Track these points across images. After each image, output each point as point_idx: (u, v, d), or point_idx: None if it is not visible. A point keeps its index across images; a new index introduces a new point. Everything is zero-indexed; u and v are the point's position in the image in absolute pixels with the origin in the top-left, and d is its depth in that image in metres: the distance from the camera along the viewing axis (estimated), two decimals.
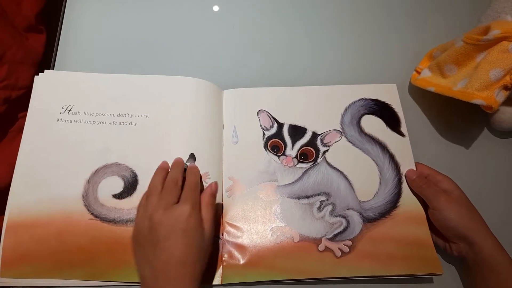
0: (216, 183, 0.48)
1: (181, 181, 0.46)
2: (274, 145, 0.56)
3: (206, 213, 0.45)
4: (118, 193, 0.52)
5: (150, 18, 0.68)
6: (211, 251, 0.46)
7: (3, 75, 0.55)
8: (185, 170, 0.49)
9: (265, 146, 0.56)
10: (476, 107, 0.52)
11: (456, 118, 0.62)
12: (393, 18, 0.70)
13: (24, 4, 0.62)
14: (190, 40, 0.67)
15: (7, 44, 0.56)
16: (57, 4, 0.68)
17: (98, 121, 0.55)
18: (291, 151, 0.56)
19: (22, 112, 0.59)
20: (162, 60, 0.65)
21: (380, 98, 0.60)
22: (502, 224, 0.50)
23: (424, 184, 0.52)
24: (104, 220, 0.50)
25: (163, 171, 0.48)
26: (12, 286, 0.49)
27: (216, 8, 0.70)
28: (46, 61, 0.64)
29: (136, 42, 0.66)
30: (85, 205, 0.51)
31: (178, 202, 0.44)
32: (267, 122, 0.58)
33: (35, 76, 0.57)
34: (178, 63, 0.65)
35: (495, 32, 0.49)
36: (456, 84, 0.53)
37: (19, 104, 0.58)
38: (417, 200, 0.53)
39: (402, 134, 0.57)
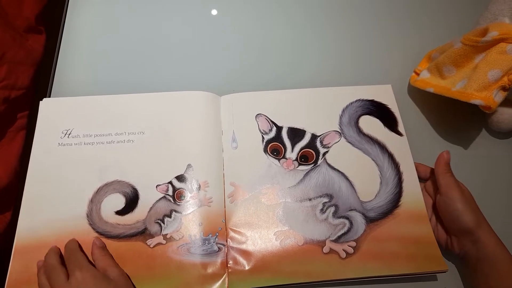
0: (98, 239, 0.50)
1: (57, 260, 0.46)
2: (274, 148, 0.56)
3: (102, 262, 0.47)
4: (121, 210, 0.52)
5: (148, 21, 0.68)
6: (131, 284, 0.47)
7: (2, 75, 0.55)
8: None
9: (265, 150, 0.56)
10: (474, 108, 0.53)
11: (455, 119, 0.63)
12: (392, 21, 0.70)
13: (24, 5, 0.61)
14: (187, 46, 0.66)
15: (7, 45, 0.56)
16: (58, 5, 0.68)
17: (96, 141, 0.56)
18: (291, 153, 0.56)
19: (21, 112, 0.59)
20: (161, 64, 0.64)
21: (376, 99, 0.60)
22: (501, 224, 0.51)
23: (449, 171, 0.52)
24: (109, 237, 0.50)
25: (41, 269, 0.47)
26: None
27: (214, 12, 0.69)
28: (46, 62, 0.64)
29: (133, 45, 0.66)
30: (90, 224, 0.51)
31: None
32: (265, 126, 0.57)
33: (40, 102, 0.57)
34: (176, 71, 0.64)
35: (493, 34, 0.49)
36: (455, 84, 0.54)
37: (18, 104, 0.58)
38: (417, 198, 0.54)
39: (399, 134, 0.58)
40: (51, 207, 0.52)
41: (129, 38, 0.66)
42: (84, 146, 0.55)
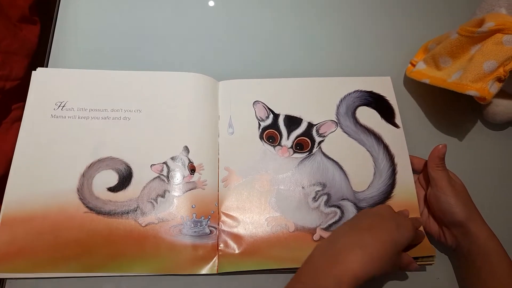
0: None
1: None
2: (270, 135, 0.57)
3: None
4: (113, 186, 0.52)
5: (146, 9, 0.67)
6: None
7: None
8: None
9: (261, 137, 0.57)
10: (470, 99, 0.53)
11: (450, 110, 0.62)
12: (389, 11, 0.70)
13: None
14: (186, 32, 0.66)
15: (1, 35, 0.55)
16: None
17: (91, 116, 0.55)
18: (287, 141, 0.56)
19: (16, 103, 0.59)
20: (158, 52, 0.64)
21: (375, 90, 0.60)
22: (494, 215, 0.50)
23: (441, 166, 0.51)
24: (99, 212, 0.50)
25: None
26: (8, 278, 0.49)
27: (211, 3, 0.69)
28: (40, 53, 0.63)
29: (131, 33, 0.65)
30: (80, 198, 0.51)
31: None
32: (262, 113, 0.58)
33: (33, 72, 0.57)
34: (174, 55, 0.64)
35: (489, 25, 0.49)
36: (451, 76, 0.54)
37: (13, 95, 0.58)
38: (410, 190, 0.54)
39: (396, 126, 0.58)
40: (41, 179, 0.51)
41: (125, 27, 0.66)
42: (78, 120, 0.55)
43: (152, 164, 0.53)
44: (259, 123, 0.57)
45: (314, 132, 0.57)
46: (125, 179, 0.52)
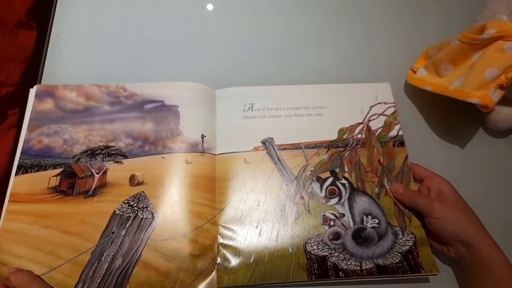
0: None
1: None
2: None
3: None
4: None
5: (143, 17, 0.67)
6: None
7: None
8: None
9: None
10: (471, 106, 0.53)
11: (452, 117, 0.62)
12: (389, 17, 0.70)
13: (15, 0, 0.60)
14: (183, 39, 0.66)
15: None
16: (48, 0, 0.66)
17: None
18: None
19: (12, 109, 0.58)
20: (154, 58, 0.64)
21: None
22: (496, 223, 0.50)
23: (414, 196, 0.52)
24: None
25: None
26: None
27: (210, 7, 0.69)
28: (37, 59, 0.62)
29: (127, 40, 0.65)
30: None
31: None
32: None
33: (30, 90, 0.56)
34: (171, 62, 0.64)
35: (490, 31, 0.49)
36: (452, 83, 0.53)
37: (9, 101, 0.57)
38: None
39: None
40: None
41: (121, 33, 0.65)
42: None
43: None
44: None
45: None
46: None
